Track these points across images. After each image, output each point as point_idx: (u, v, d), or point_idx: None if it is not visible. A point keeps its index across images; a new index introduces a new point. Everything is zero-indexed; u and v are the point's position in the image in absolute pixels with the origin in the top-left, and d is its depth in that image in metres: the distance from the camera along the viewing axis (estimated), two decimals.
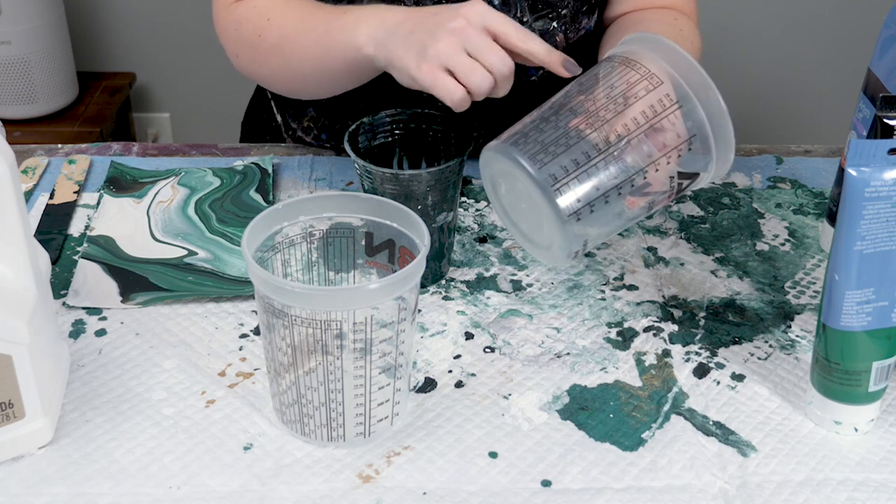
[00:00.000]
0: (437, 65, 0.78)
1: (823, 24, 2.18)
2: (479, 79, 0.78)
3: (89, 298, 0.82)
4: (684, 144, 0.70)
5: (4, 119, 1.92)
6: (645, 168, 0.69)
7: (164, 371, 0.76)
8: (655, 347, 0.79)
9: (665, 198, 0.72)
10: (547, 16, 0.95)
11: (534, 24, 0.95)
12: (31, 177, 0.98)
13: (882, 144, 0.65)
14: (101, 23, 2.19)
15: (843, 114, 2.00)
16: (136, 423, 0.71)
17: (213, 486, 0.67)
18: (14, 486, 0.66)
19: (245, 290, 0.83)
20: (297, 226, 0.71)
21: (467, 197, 0.97)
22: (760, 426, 0.73)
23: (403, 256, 0.71)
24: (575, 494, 0.67)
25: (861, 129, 0.86)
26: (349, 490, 0.67)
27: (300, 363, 0.67)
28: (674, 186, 0.71)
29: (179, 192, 0.95)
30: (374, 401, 0.68)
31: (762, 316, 0.83)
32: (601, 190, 0.69)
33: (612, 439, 0.71)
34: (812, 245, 0.92)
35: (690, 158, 0.71)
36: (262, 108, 1.14)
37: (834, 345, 0.70)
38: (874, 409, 0.72)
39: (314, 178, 0.99)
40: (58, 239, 0.89)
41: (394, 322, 0.66)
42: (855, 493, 0.67)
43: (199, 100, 2.25)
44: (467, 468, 0.69)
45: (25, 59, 1.93)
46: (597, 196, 0.69)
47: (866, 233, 0.67)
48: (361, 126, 0.83)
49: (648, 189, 0.70)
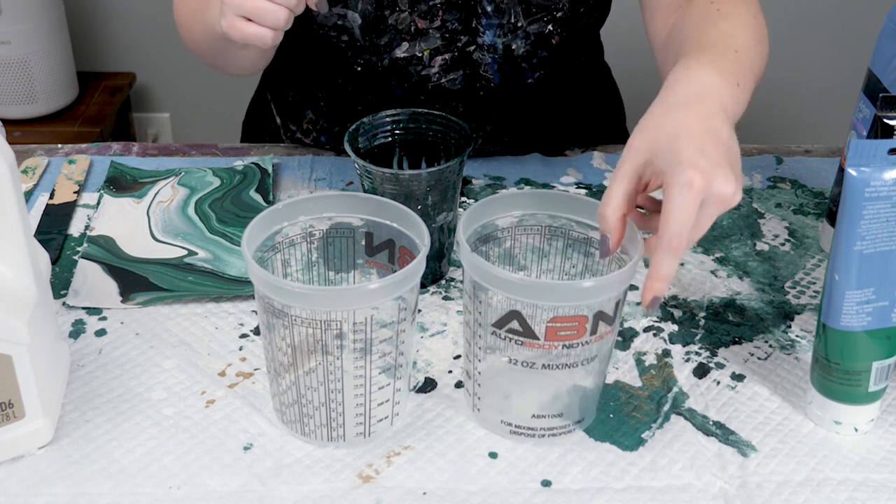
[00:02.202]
0: (233, 17, 0.80)
1: (823, 24, 2.18)
2: (270, 17, 0.79)
3: (89, 298, 0.82)
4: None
5: (4, 119, 1.92)
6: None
7: (164, 371, 0.76)
8: (655, 347, 0.79)
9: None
10: (542, 19, 0.95)
11: (528, 28, 0.95)
12: (31, 177, 0.98)
13: (882, 144, 0.65)
14: (101, 23, 2.19)
15: (843, 114, 2.00)
16: (136, 423, 0.71)
17: (213, 486, 0.67)
18: (14, 486, 0.66)
19: (245, 290, 0.83)
20: (297, 226, 0.71)
21: (467, 197, 0.97)
22: (760, 426, 0.73)
23: (403, 256, 0.71)
24: (575, 494, 0.67)
25: (861, 129, 0.85)
26: (349, 490, 0.67)
27: (300, 363, 0.67)
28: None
29: (179, 192, 0.95)
30: (374, 401, 0.68)
31: (762, 316, 0.83)
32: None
33: (612, 439, 0.71)
34: (812, 245, 0.92)
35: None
36: (262, 110, 1.14)
37: (834, 345, 0.70)
38: (874, 409, 0.72)
39: (314, 178, 0.99)
40: (58, 239, 0.89)
41: (394, 322, 0.66)
42: (855, 493, 0.67)
43: (199, 100, 2.25)
44: (467, 468, 0.69)
45: (25, 59, 1.93)
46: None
47: (866, 233, 0.67)
48: (361, 126, 0.83)
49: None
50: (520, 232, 0.73)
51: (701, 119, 0.68)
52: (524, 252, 0.74)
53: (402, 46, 0.95)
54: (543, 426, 0.70)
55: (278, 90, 1.10)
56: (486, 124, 1.03)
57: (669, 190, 0.64)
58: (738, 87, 0.74)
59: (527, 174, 1.00)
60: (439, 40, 0.95)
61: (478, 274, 0.66)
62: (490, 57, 0.96)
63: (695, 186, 0.64)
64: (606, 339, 0.68)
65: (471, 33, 0.95)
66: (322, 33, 0.96)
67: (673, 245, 0.64)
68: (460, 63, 0.96)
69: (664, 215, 0.65)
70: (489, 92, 0.99)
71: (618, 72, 1.21)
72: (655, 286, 0.65)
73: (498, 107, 1.02)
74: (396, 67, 0.96)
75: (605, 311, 0.66)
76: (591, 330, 0.66)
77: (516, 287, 0.64)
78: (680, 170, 0.64)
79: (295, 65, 1.06)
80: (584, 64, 1.09)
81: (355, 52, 0.96)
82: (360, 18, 0.93)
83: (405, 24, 0.93)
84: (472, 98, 1.00)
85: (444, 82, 0.97)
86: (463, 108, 1.00)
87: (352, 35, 0.94)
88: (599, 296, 0.65)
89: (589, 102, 1.12)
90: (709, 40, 0.80)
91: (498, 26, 0.94)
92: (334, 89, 1.03)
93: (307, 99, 1.06)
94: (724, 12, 0.85)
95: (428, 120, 0.84)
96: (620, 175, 0.68)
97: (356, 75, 0.99)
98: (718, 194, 0.64)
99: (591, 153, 1.04)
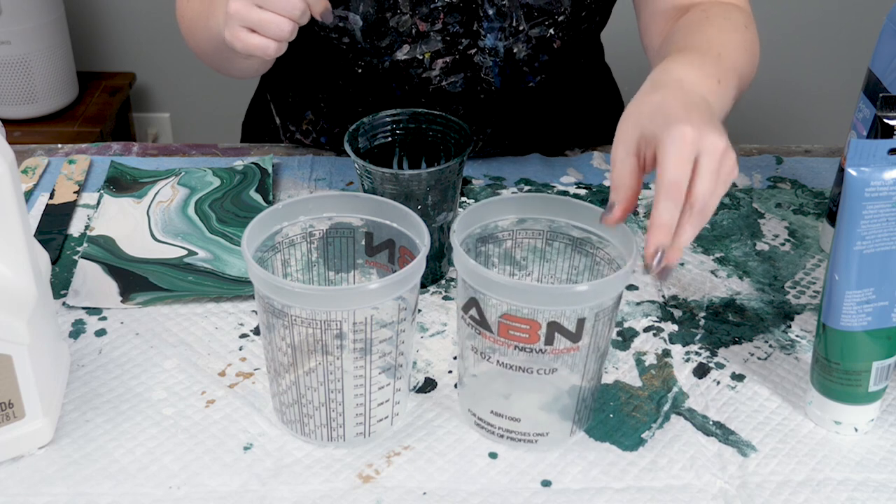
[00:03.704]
0: (237, 28, 0.79)
1: (823, 24, 2.18)
2: (274, 29, 0.78)
3: (89, 298, 0.82)
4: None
5: (4, 119, 1.92)
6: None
7: (164, 371, 0.76)
8: (655, 347, 0.79)
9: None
10: (543, 23, 0.95)
11: (530, 32, 0.95)
12: (31, 177, 0.98)
13: (882, 144, 0.65)
14: (101, 23, 2.19)
15: (843, 114, 2.00)
16: (136, 423, 0.71)
17: (213, 486, 0.67)
18: (14, 486, 0.66)
19: (245, 290, 0.83)
20: (297, 226, 0.71)
21: (467, 197, 0.97)
22: (760, 426, 0.73)
23: (403, 256, 0.71)
24: (575, 494, 0.67)
25: (861, 129, 0.85)
26: (349, 490, 0.67)
27: (300, 363, 0.67)
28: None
29: (179, 192, 0.95)
30: (374, 401, 0.68)
31: (762, 316, 0.83)
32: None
33: (612, 439, 0.71)
34: (812, 245, 0.92)
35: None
36: (262, 110, 1.14)
37: (834, 345, 0.70)
38: (874, 409, 0.72)
39: (314, 178, 0.99)
40: (58, 239, 0.89)
41: (394, 322, 0.66)
42: (855, 493, 0.67)
43: (199, 100, 2.25)
44: (467, 468, 0.69)
45: (25, 59, 1.93)
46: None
47: (866, 233, 0.67)
48: (361, 126, 0.83)
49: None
50: (521, 235, 0.73)
51: (682, 95, 0.70)
52: (524, 253, 0.74)
53: (403, 49, 0.95)
54: (502, 426, 0.70)
55: (278, 91, 1.10)
56: (487, 127, 1.03)
57: (663, 144, 0.65)
58: (718, 84, 0.75)
59: (527, 174, 1.00)
60: (440, 43, 0.95)
61: (460, 265, 0.66)
62: (491, 60, 0.96)
63: (687, 137, 0.64)
64: (573, 356, 0.67)
65: (472, 36, 0.95)
66: (323, 35, 0.96)
67: (672, 193, 0.64)
68: (461, 66, 0.96)
69: (660, 166, 0.65)
70: (490, 95, 0.99)
71: (618, 73, 1.21)
72: (657, 235, 0.65)
73: (498, 110, 1.02)
74: (397, 70, 0.96)
75: (560, 324, 0.65)
76: (545, 339, 0.65)
77: (476, 277, 0.65)
78: (672, 127, 0.65)
79: (295, 66, 1.06)
80: (585, 66, 1.09)
81: (356, 53, 0.96)
82: (361, 20, 0.93)
83: (406, 27, 0.93)
84: (472, 101, 1.00)
85: (445, 85, 0.97)
86: (463, 111, 1.00)
87: (353, 37, 0.94)
88: (548, 304, 0.64)
89: (589, 104, 1.12)
90: (693, 44, 0.81)
91: (499, 30, 0.94)
92: (334, 91, 1.03)
93: (307, 100, 1.06)
94: (713, 20, 0.86)
95: (428, 120, 0.84)
96: (619, 159, 0.68)
97: (357, 77, 0.99)
98: (711, 146, 0.65)
99: (591, 153, 1.04)
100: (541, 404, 0.71)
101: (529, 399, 0.71)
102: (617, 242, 0.69)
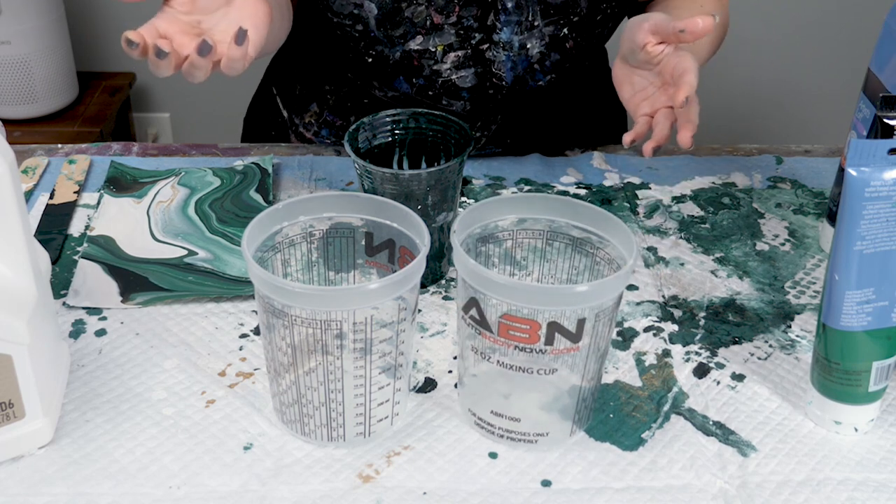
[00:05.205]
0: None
1: (823, 24, 2.18)
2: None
3: (89, 298, 0.82)
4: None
5: (4, 119, 1.92)
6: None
7: (164, 371, 0.76)
8: (655, 347, 0.79)
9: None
10: (558, 21, 0.95)
11: (544, 29, 0.95)
12: (31, 177, 0.98)
13: (882, 144, 0.65)
14: (101, 23, 2.19)
15: (843, 114, 2.00)
16: (136, 423, 0.71)
17: (213, 486, 0.67)
18: (14, 486, 0.66)
19: (245, 290, 0.83)
20: (297, 226, 0.71)
21: (467, 197, 0.97)
22: (760, 426, 0.73)
23: (403, 256, 0.71)
24: (575, 494, 0.67)
25: (861, 129, 0.86)
26: (349, 490, 0.67)
27: (300, 363, 0.67)
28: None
29: (179, 192, 0.95)
30: (374, 401, 0.68)
31: (762, 316, 0.83)
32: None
33: (612, 439, 0.71)
34: (812, 245, 0.92)
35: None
36: (268, 104, 1.14)
37: (834, 345, 0.70)
38: (874, 409, 0.72)
39: (314, 178, 0.99)
40: (58, 239, 0.89)
41: (394, 322, 0.66)
42: (855, 493, 0.67)
43: (199, 100, 2.25)
44: (467, 468, 0.69)
45: (25, 59, 1.93)
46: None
47: (866, 233, 0.67)
48: (361, 126, 0.83)
49: None
50: (521, 235, 0.73)
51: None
52: (525, 253, 0.74)
53: (416, 39, 0.95)
54: (502, 426, 0.70)
55: (285, 84, 1.10)
56: (492, 124, 1.03)
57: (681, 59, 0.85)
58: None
59: (527, 174, 1.00)
60: (454, 36, 0.95)
61: (460, 264, 0.66)
62: (505, 55, 0.96)
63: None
64: (573, 356, 0.67)
65: (486, 31, 0.95)
66: (336, 21, 0.96)
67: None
68: (473, 61, 0.97)
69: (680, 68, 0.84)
70: (498, 91, 0.99)
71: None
72: (688, 77, 0.82)
73: (505, 108, 1.02)
74: (408, 60, 0.96)
75: (560, 324, 0.65)
76: (545, 339, 0.66)
77: (476, 277, 0.65)
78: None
79: (303, 56, 1.06)
80: (590, 68, 1.10)
81: (368, 42, 0.96)
82: (376, 9, 0.93)
83: (421, 18, 0.94)
84: (481, 97, 1.00)
85: (455, 79, 0.97)
86: (471, 107, 1.00)
87: (366, 25, 0.94)
88: (548, 304, 0.64)
89: (593, 107, 1.12)
90: (677, 2, 0.98)
91: (516, 23, 0.95)
92: (342, 82, 1.03)
93: (314, 91, 1.06)
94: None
95: (428, 120, 0.84)
96: (623, 85, 0.90)
97: (366, 67, 0.99)
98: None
99: (591, 153, 1.04)
100: (541, 404, 0.71)
101: (529, 399, 0.71)
102: (617, 242, 0.69)
